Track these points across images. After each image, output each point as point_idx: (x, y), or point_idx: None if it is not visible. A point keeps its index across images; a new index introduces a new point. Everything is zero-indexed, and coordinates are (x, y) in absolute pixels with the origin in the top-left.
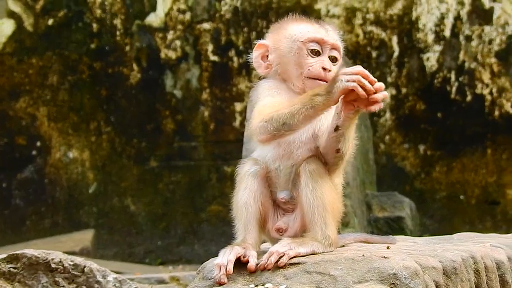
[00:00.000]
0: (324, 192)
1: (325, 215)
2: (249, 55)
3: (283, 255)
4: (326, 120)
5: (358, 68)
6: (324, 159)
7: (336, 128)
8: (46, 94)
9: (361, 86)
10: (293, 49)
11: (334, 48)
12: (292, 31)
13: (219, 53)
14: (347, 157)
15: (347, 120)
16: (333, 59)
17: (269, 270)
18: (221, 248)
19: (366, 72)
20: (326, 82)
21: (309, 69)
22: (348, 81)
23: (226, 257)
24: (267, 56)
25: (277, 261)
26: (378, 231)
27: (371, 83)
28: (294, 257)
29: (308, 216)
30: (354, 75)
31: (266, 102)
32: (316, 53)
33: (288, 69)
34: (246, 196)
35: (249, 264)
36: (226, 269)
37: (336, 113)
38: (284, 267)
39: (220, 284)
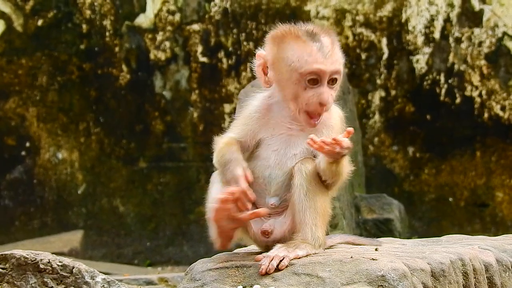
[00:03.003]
0: (317, 194)
1: (316, 217)
2: (251, 63)
3: (283, 258)
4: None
5: (237, 190)
6: None
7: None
8: (36, 95)
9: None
10: (292, 79)
11: (334, 73)
12: (290, 57)
13: (209, 54)
14: (337, 185)
15: (324, 163)
16: (333, 81)
17: (270, 273)
18: (209, 250)
19: (242, 196)
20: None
21: (306, 104)
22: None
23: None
24: (267, 67)
25: (278, 264)
26: (367, 233)
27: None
28: (294, 259)
29: (299, 216)
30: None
31: (223, 140)
32: (315, 83)
33: (285, 94)
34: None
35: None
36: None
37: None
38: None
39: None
